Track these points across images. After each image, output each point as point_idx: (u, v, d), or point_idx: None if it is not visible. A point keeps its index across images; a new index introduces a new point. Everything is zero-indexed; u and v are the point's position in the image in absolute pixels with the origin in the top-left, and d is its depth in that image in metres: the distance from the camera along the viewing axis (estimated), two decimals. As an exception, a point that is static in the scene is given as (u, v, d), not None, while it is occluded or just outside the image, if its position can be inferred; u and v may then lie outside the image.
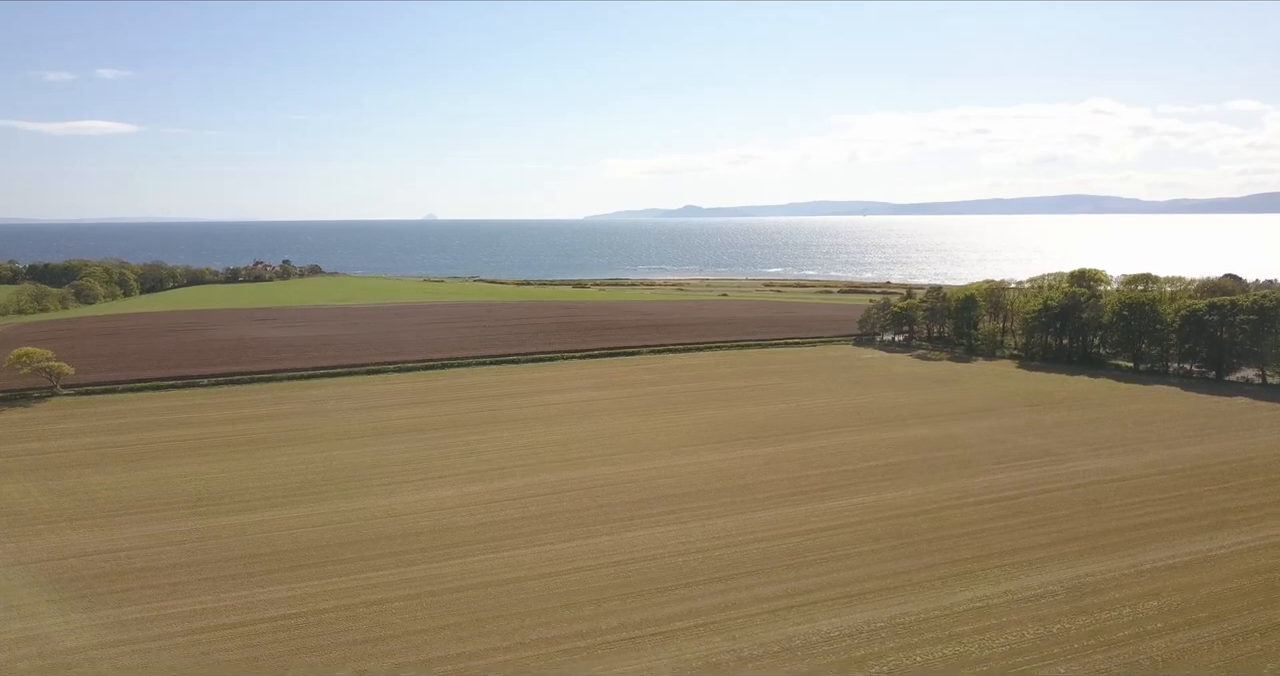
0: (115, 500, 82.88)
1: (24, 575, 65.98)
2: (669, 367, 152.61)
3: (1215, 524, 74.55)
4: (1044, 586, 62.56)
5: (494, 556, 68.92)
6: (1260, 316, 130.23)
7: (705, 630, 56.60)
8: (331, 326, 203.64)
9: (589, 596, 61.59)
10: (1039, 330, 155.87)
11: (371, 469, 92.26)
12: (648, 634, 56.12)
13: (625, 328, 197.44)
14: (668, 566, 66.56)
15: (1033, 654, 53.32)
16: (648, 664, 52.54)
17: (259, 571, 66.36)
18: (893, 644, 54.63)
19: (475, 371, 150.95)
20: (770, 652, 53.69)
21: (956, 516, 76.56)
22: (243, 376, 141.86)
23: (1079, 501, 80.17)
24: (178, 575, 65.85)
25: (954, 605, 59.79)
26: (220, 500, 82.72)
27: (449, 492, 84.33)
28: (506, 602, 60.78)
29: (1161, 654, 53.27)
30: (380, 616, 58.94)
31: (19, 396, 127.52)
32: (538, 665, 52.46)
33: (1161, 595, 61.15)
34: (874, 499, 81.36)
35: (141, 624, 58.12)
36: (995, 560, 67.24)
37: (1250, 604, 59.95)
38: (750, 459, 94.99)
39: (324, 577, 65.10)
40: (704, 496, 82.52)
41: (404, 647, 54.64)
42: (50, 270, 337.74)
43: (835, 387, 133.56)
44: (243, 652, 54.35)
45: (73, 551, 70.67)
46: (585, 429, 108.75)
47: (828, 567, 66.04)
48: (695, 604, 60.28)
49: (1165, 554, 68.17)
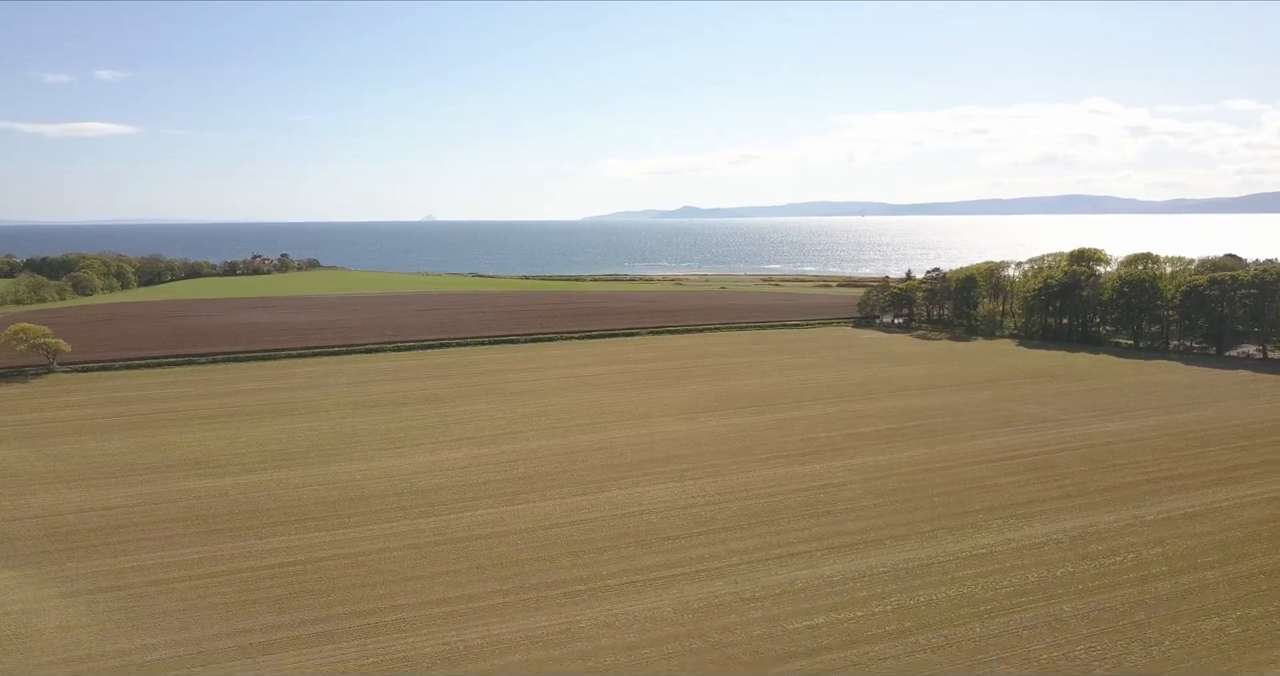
0: (112, 464, 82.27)
1: (19, 529, 65.38)
2: (669, 347, 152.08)
3: (1220, 479, 74.14)
4: (1048, 535, 62.12)
5: (500, 510, 68.41)
6: (1261, 290, 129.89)
7: (708, 575, 56.12)
8: (330, 313, 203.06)
9: (593, 545, 61.11)
10: (1039, 309, 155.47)
11: (376, 435, 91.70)
12: (650, 579, 55.62)
13: (624, 313, 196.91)
14: (673, 518, 66.09)
15: (1036, 595, 52.87)
16: (650, 605, 52.05)
17: (259, 525, 65.82)
18: (895, 586, 54.17)
19: (475, 350, 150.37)
20: (772, 594, 53.21)
21: (962, 474, 76.12)
22: (242, 355, 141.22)
23: (1083, 460, 79.73)
24: (175, 529, 65.31)
25: (958, 552, 59.37)
26: (221, 463, 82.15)
27: (457, 455, 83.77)
28: (509, 551, 60.28)
29: (1167, 594, 52.84)
30: (380, 563, 58.42)
31: (14, 373, 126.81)
32: (538, 605, 51.99)
33: (1166, 543, 60.72)
34: (880, 459, 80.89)
35: (137, 572, 57.58)
36: (1000, 512, 66.81)
37: (1258, 549, 59.54)
38: (755, 424, 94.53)
39: (326, 530, 64.59)
40: (710, 456, 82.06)
41: (402, 591, 54.13)
42: (48, 264, 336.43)
43: (835, 363, 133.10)
44: (240, 595, 53.83)
45: (69, 509, 70.07)
46: (588, 399, 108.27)
47: (833, 519, 65.57)
48: (699, 552, 59.81)
49: (1170, 506, 67.74)
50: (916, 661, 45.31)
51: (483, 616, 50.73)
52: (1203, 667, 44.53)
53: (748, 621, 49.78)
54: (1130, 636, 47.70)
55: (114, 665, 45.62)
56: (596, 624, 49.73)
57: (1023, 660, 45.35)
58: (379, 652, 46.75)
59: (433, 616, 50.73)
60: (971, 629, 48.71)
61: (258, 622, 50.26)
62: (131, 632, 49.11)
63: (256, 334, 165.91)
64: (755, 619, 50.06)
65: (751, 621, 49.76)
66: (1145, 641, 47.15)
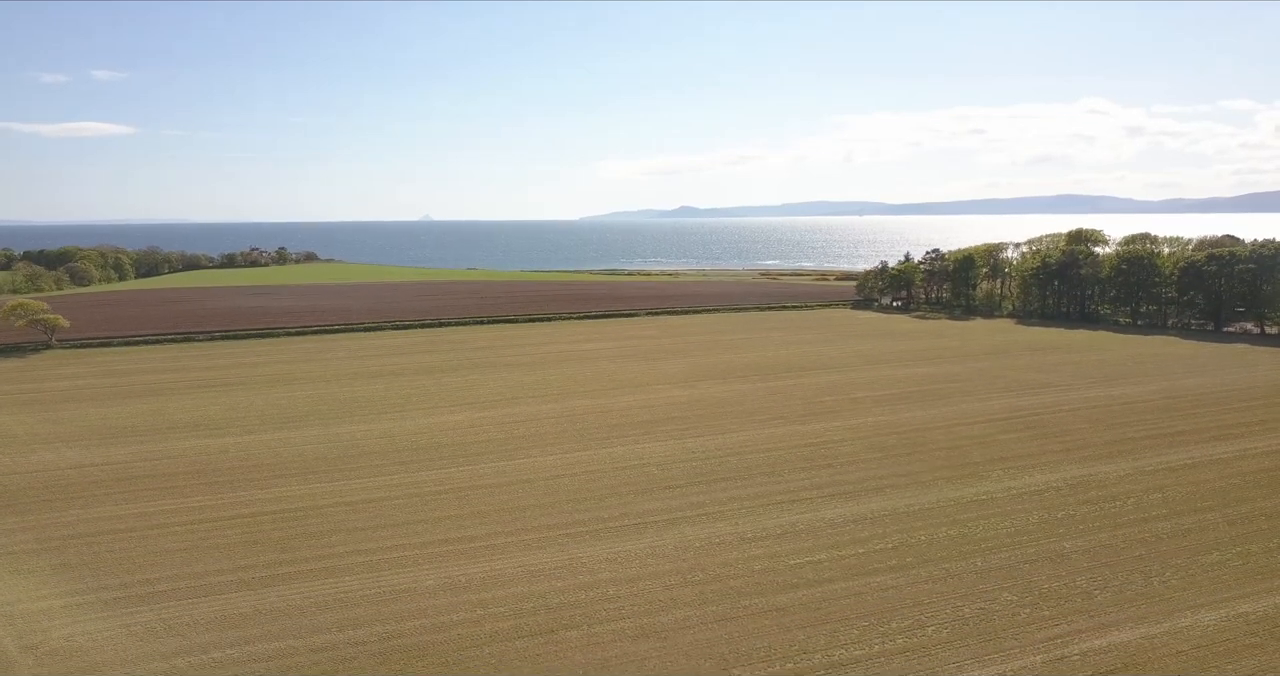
0: (111, 427, 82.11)
1: (18, 482, 65.23)
2: (668, 325, 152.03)
3: (1220, 435, 74.28)
4: (1048, 483, 62.21)
5: (501, 464, 68.39)
6: (1259, 266, 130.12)
7: (709, 518, 56.16)
8: (329, 298, 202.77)
9: (594, 493, 61.12)
10: (1037, 287, 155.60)
11: (376, 401, 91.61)
12: (651, 521, 55.64)
13: (623, 299, 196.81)
14: (674, 470, 66.12)
15: (1037, 533, 52.96)
16: (651, 543, 52.08)
17: (260, 477, 65.74)
18: (895, 527, 54.23)
19: (474, 328, 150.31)
20: (773, 534, 53.25)
21: (963, 432, 76.18)
22: (241, 332, 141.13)
23: (1085, 420, 79.80)
24: (177, 481, 65.21)
25: (958, 498, 59.47)
26: (220, 426, 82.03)
27: (457, 417, 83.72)
28: (510, 498, 60.28)
29: (1167, 533, 52.94)
30: (381, 510, 58.38)
31: (12, 349, 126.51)
32: (539, 544, 52.00)
33: (1166, 489, 60.83)
34: (880, 419, 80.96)
35: (138, 516, 57.51)
36: (1000, 464, 66.89)
37: (1258, 494, 59.69)
38: (755, 390, 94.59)
39: (326, 482, 64.50)
40: (710, 418, 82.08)
41: (403, 533, 54.07)
42: (45, 256, 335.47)
43: (835, 339, 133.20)
44: (242, 537, 53.78)
45: (69, 464, 69.97)
46: (588, 369, 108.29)
47: (833, 471, 65.61)
48: (700, 498, 59.87)
49: (1170, 458, 67.86)
50: (918, 591, 45.36)
51: (484, 554, 50.75)
52: (1205, 594, 44.65)
53: (749, 557, 49.84)
54: (1131, 568, 47.79)
55: (113, 597, 45.58)
56: (598, 559, 49.75)
57: (1024, 589, 45.41)
58: (380, 585, 46.75)
59: (433, 554, 50.75)
60: (972, 563, 48.77)
61: (260, 559, 50.25)
62: (132, 569, 49.05)
63: (255, 316, 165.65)
64: (757, 555, 50.12)
65: (753, 557, 49.81)
66: (1146, 572, 47.24)
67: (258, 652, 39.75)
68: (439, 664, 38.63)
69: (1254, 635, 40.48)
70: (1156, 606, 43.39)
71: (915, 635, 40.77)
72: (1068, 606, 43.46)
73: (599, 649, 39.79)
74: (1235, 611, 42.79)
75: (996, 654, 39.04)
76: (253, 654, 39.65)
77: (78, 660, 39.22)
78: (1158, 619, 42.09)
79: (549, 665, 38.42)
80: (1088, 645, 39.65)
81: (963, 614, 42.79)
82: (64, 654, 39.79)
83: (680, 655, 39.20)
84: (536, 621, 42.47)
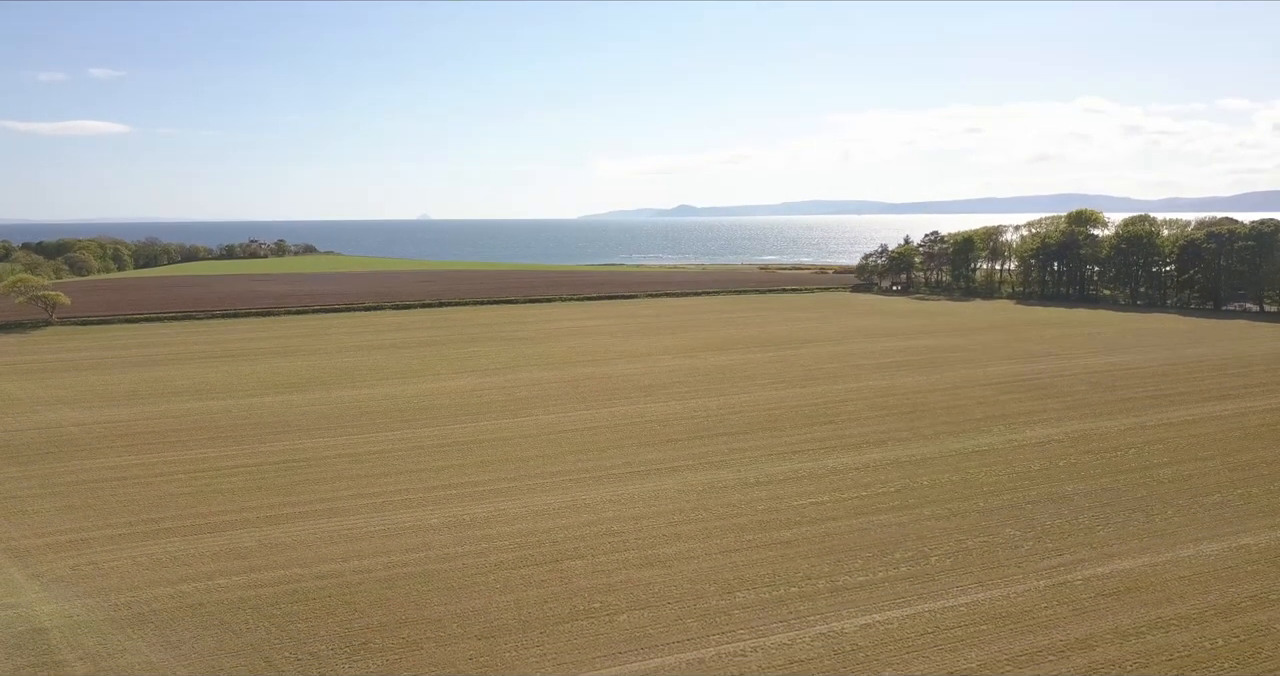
0: (113, 392, 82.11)
1: (22, 438, 65.27)
2: (669, 306, 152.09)
3: (1219, 396, 74.53)
4: (1050, 437, 62.42)
5: (505, 421, 68.56)
6: (1259, 242, 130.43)
7: (712, 466, 56.33)
8: (330, 284, 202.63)
9: (596, 445, 61.32)
10: (1037, 268, 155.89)
11: (378, 369, 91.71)
12: (654, 469, 55.78)
13: (623, 284, 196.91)
14: (676, 426, 66.30)
15: (1039, 478, 53.15)
16: (654, 486, 52.24)
17: (263, 434, 65.82)
18: (898, 473, 54.40)
19: (475, 309, 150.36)
20: (775, 480, 53.40)
21: (964, 394, 76.41)
22: (242, 311, 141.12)
23: (1087, 384, 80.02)
24: (181, 436, 65.31)
25: (960, 449, 59.65)
26: (222, 391, 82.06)
27: (459, 383, 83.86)
28: (513, 451, 60.40)
29: (1168, 477, 53.11)
30: (385, 460, 58.49)
31: (13, 325, 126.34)
32: (543, 489, 52.13)
33: (1167, 441, 61.04)
34: (884, 383, 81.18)
35: (141, 466, 57.61)
36: (1001, 421, 67.08)
37: (1257, 444, 59.94)
38: (757, 359, 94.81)
39: (329, 437, 64.64)
40: (712, 383, 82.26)
41: (406, 480, 54.15)
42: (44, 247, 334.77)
43: (835, 317, 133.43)
44: (246, 483, 53.87)
45: (71, 422, 70.03)
46: (590, 342, 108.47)
47: (835, 427, 65.80)
48: (702, 449, 60.07)
49: (1170, 416, 68.07)
50: (921, 527, 45.51)
51: (488, 496, 50.89)
52: (1207, 529, 44.82)
53: (752, 499, 50.01)
54: (1133, 507, 47.98)
55: (118, 534, 45.65)
56: (601, 501, 49.91)
57: (1026, 525, 45.57)
58: (385, 522, 46.86)
59: (437, 497, 50.89)
60: (975, 503, 48.95)
61: (264, 502, 50.37)
62: (136, 510, 49.11)
63: (255, 298, 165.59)
64: (760, 497, 50.29)
65: (756, 499, 49.98)
66: (1148, 511, 47.42)
67: (263, 579, 39.86)
68: (444, 589, 38.74)
69: (1255, 563, 40.66)
70: (1159, 540, 43.56)
71: (918, 564, 40.94)
72: (1070, 540, 43.63)
73: (603, 576, 39.92)
74: (1237, 543, 42.97)
75: (999, 580, 39.18)
76: (258, 581, 39.75)
77: (84, 585, 39.30)
78: (1160, 550, 42.25)
79: (554, 590, 38.55)
80: (1090, 572, 39.80)
81: (965, 546, 42.96)
82: (70, 581, 39.87)
83: (684, 581, 39.33)
84: (541, 553, 42.61)
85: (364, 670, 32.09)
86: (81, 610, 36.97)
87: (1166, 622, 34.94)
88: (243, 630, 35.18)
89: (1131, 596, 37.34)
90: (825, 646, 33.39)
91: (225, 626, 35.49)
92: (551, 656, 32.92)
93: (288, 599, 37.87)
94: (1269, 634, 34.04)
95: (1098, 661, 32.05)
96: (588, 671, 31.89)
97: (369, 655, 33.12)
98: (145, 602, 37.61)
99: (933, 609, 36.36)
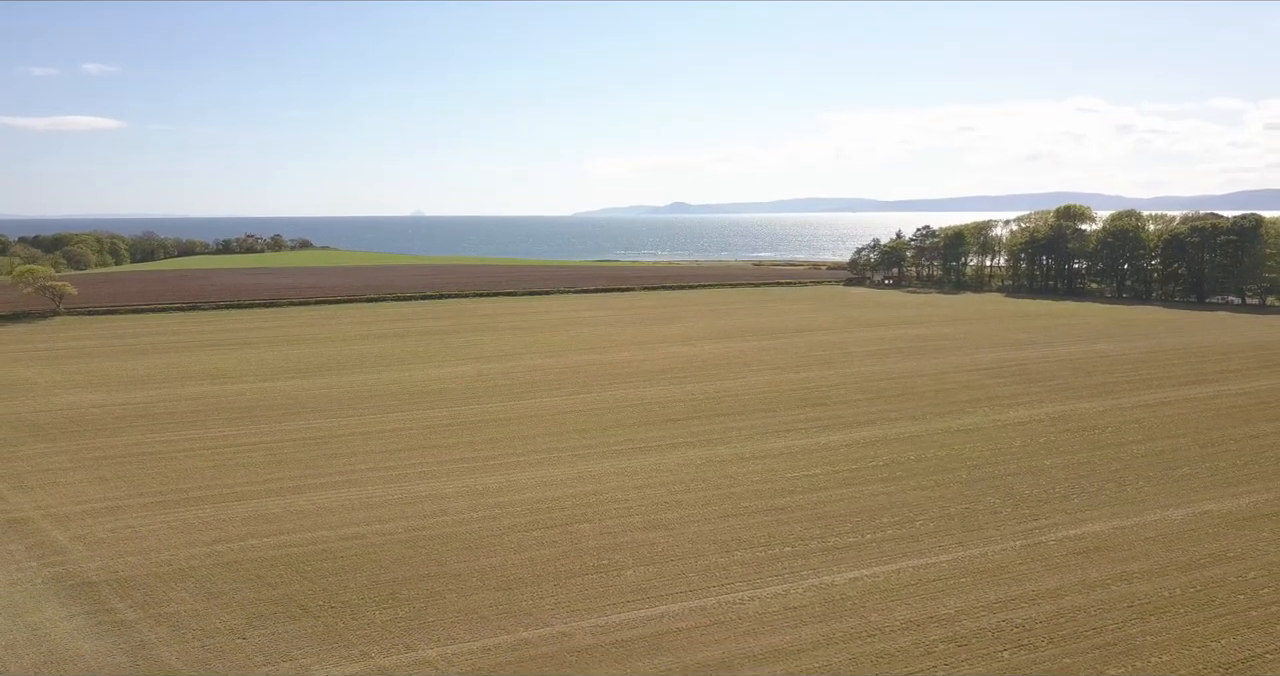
0: (128, 377, 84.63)
1: (45, 419, 67.81)
2: (665, 298, 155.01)
3: (1195, 381, 77.74)
4: (1031, 417, 65.49)
5: (510, 403, 71.39)
6: (1241, 236, 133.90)
7: (710, 443, 59.23)
8: (330, 277, 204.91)
9: (598, 425, 64.19)
10: (1025, 262, 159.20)
11: (386, 356, 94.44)
12: (654, 446, 58.65)
13: (620, 278, 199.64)
14: (675, 407, 69.22)
15: (1019, 454, 56.15)
16: (654, 461, 55.12)
17: (278, 415, 68.51)
18: (886, 450, 57.35)
19: (475, 300, 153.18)
20: (770, 455, 56.33)
21: (952, 378, 79.49)
22: (246, 302, 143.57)
23: (1069, 370, 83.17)
24: (199, 417, 67.97)
25: (946, 428, 62.67)
26: (234, 376, 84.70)
27: (463, 369, 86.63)
28: (518, 430, 63.23)
29: (1142, 453, 56.16)
30: (398, 438, 61.25)
31: (20, 316, 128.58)
32: (550, 462, 54.96)
33: (1142, 421, 64.16)
34: (875, 368, 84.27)
35: (164, 443, 60.28)
36: (987, 403, 70.14)
37: (1228, 423, 63.08)
38: (751, 347, 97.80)
39: (343, 417, 67.37)
40: (708, 369, 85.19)
41: (420, 455, 56.92)
42: (40, 242, 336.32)
43: (828, 309, 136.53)
44: (267, 458, 56.61)
45: (91, 404, 72.64)
46: (589, 331, 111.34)
47: (830, 408, 68.78)
48: (703, 427, 63.01)
49: (1147, 398, 71.22)
50: (908, 496, 48.46)
51: (498, 469, 53.71)
52: (1174, 497, 47.86)
53: (748, 472, 52.91)
54: (1106, 478, 51.03)
55: (151, 502, 48.33)
56: (605, 473, 52.77)
57: (1005, 494, 48.57)
58: (403, 492, 49.64)
59: (451, 470, 53.67)
60: (958, 475, 51.94)
61: (286, 474, 53.15)
62: (165, 482, 51.79)
63: (259, 290, 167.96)
64: (755, 470, 53.21)
65: (752, 472, 52.89)
66: (1120, 482, 50.46)
67: (293, 540, 42.63)
68: (462, 548, 41.55)
69: (1217, 526, 43.69)
70: (1128, 507, 46.59)
71: (904, 527, 43.90)
72: (1046, 507, 46.63)
73: (611, 537, 42.80)
74: (1201, 510, 46.01)
75: (979, 540, 42.16)
76: (288, 542, 42.52)
77: (124, 545, 42.01)
78: (1129, 515, 45.27)
79: (565, 549, 41.39)
80: (1063, 534, 42.81)
81: (948, 512, 45.93)
82: (111, 542, 42.58)
83: (686, 542, 42.23)
84: (551, 517, 45.47)
85: (393, 615, 34.91)
86: (125, 567, 39.69)
87: (1130, 576, 37.95)
88: (277, 583, 37.95)
89: (1100, 554, 40.35)
90: (817, 595, 36.32)
91: (261, 580, 38.26)
92: (565, 605, 35.76)
93: (317, 557, 40.66)
94: (1223, 585, 37.07)
95: (1065, 607, 35.04)
96: (600, 616, 34.76)
97: (397, 604, 35.91)
98: (184, 560, 40.38)
99: (916, 564, 39.33)
